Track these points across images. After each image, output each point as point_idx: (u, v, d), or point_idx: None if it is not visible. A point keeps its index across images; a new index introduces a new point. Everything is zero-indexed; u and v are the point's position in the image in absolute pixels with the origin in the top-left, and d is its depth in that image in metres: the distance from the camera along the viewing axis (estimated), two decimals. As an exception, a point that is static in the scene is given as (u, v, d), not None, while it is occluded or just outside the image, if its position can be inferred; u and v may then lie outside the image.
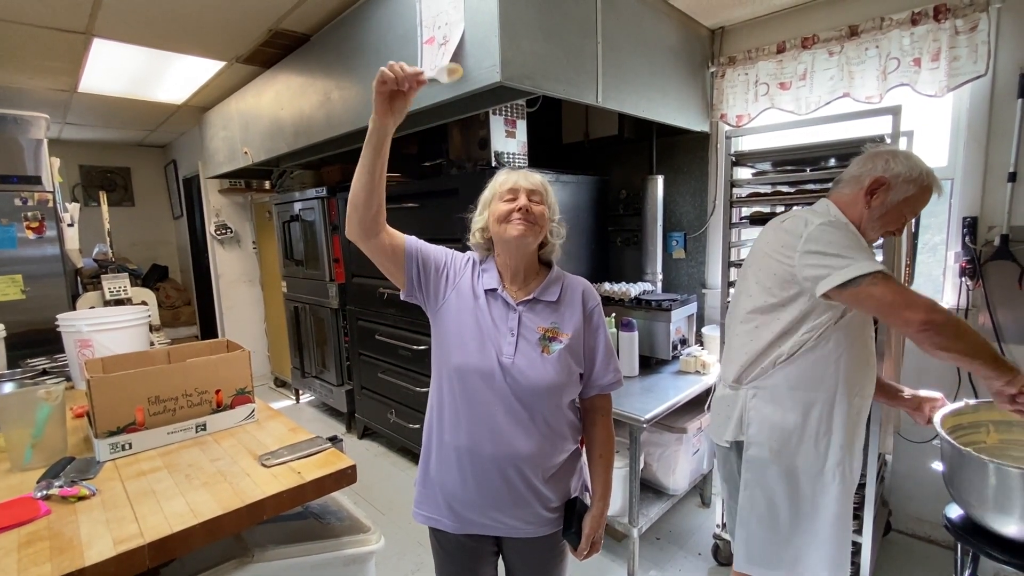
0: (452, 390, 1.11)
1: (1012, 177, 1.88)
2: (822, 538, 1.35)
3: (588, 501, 1.22)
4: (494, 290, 1.14)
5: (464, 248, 1.25)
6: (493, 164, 2.45)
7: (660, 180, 2.70)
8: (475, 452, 1.09)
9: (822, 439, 1.33)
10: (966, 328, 1.15)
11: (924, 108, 2.06)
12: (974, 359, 1.15)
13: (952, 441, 1.30)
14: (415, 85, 0.97)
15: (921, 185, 1.29)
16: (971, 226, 1.97)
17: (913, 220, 1.93)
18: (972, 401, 1.48)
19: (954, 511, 1.47)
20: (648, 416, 1.88)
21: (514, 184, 1.13)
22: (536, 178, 1.15)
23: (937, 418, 1.41)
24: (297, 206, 3.69)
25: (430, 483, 1.17)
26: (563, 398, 1.14)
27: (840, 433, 1.33)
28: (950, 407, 1.45)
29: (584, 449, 1.24)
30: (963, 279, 1.99)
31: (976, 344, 1.14)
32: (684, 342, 2.52)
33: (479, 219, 1.18)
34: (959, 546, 1.53)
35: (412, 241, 1.15)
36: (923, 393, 1.52)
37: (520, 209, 1.09)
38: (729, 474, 1.50)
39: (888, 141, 1.69)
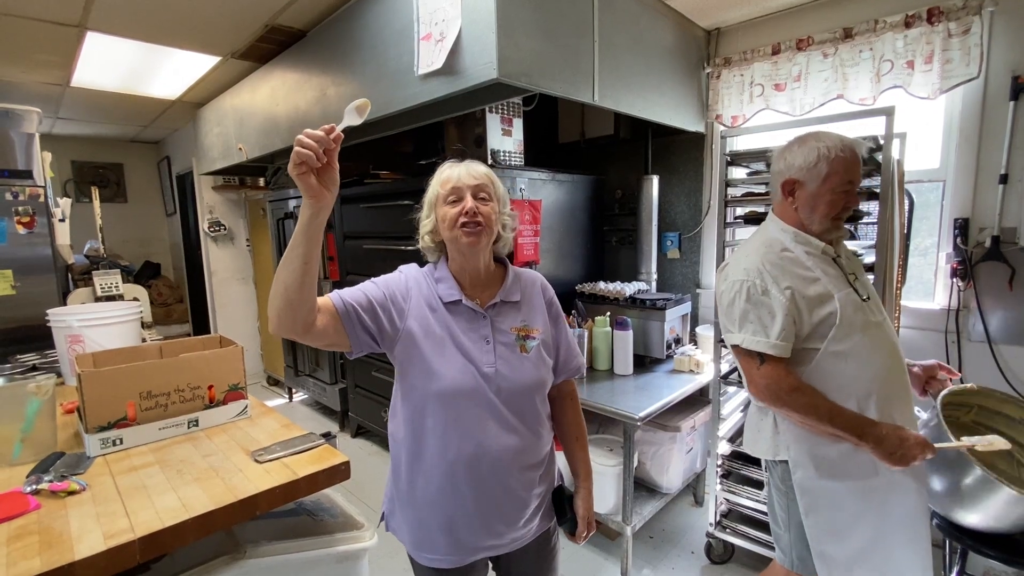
0: (436, 416, 1.03)
1: (1003, 179, 1.90)
2: (902, 535, 1.27)
3: (568, 487, 1.23)
4: (457, 301, 1.08)
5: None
6: (489, 162, 2.45)
7: (655, 180, 2.71)
8: (473, 469, 1.04)
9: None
10: (829, 414, 1.22)
11: (917, 110, 2.08)
12: (824, 426, 1.24)
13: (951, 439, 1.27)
14: (334, 145, 0.86)
15: (830, 160, 1.27)
16: (962, 227, 1.99)
17: (907, 222, 1.95)
18: (974, 385, 1.48)
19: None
20: (642, 414, 1.88)
21: (457, 182, 1.04)
22: (480, 170, 1.08)
23: (938, 402, 1.37)
24: (292, 203, 3.67)
25: (424, 523, 1.08)
26: (544, 392, 1.14)
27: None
28: (951, 388, 1.42)
29: (558, 435, 1.24)
30: (954, 280, 2.01)
31: (825, 419, 1.22)
32: (678, 341, 2.53)
33: (427, 222, 1.10)
34: (947, 543, 1.55)
35: (337, 299, 1.01)
36: (921, 364, 1.49)
37: (467, 212, 1.03)
38: (772, 481, 1.43)
39: (881, 142, 1.71)
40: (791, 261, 1.30)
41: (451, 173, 1.07)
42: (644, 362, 2.47)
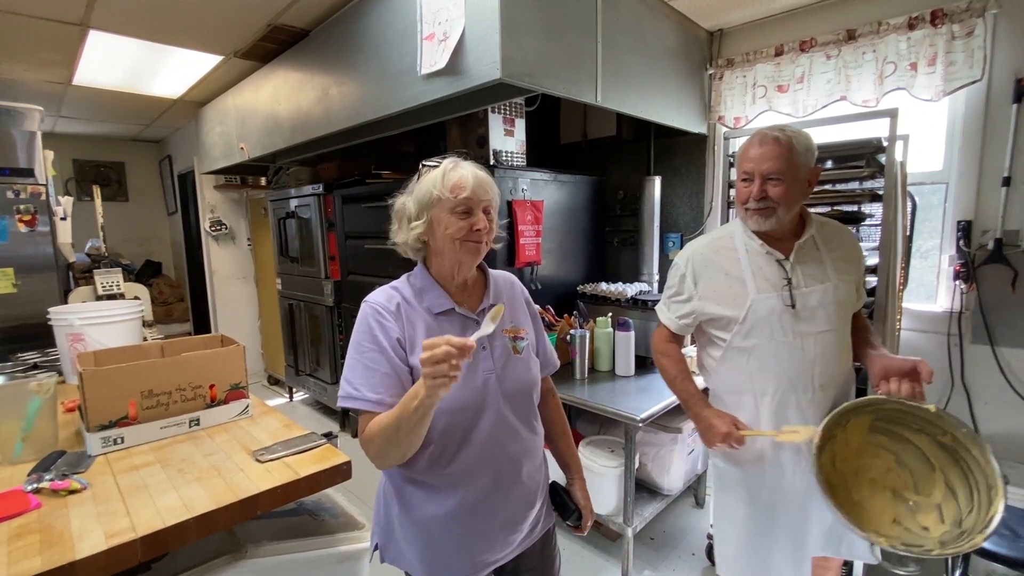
0: (443, 434, 1.00)
1: (1006, 182, 1.90)
2: (779, 535, 1.38)
3: (558, 482, 1.25)
4: (449, 310, 1.04)
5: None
6: (491, 162, 2.44)
7: (657, 181, 2.70)
8: (486, 481, 1.03)
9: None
10: (672, 380, 1.50)
11: (920, 112, 2.07)
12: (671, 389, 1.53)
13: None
14: (467, 357, 0.83)
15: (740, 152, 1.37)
16: (965, 230, 1.99)
17: (909, 224, 1.95)
18: (932, 407, 1.12)
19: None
20: (644, 416, 1.87)
21: (471, 194, 0.98)
22: (488, 180, 1.02)
23: (821, 425, 1.15)
24: (293, 203, 3.67)
25: (436, 545, 1.04)
26: (538, 391, 1.14)
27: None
28: (864, 400, 1.18)
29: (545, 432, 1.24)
30: (957, 282, 2.01)
31: (668, 382, 1.52)
32: (680, 343, 2.52)
33: (417, 224, 1.02)
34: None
35: (378, 408, 0.98)
36: (894, 360, 1.22)
37: (477, 230, 0.99)
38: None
39: (885, 144, 1.71)
40: (725, 255, 1.37)
41: (463, 179, 0.99)
42: (646, 363, 2.46)
